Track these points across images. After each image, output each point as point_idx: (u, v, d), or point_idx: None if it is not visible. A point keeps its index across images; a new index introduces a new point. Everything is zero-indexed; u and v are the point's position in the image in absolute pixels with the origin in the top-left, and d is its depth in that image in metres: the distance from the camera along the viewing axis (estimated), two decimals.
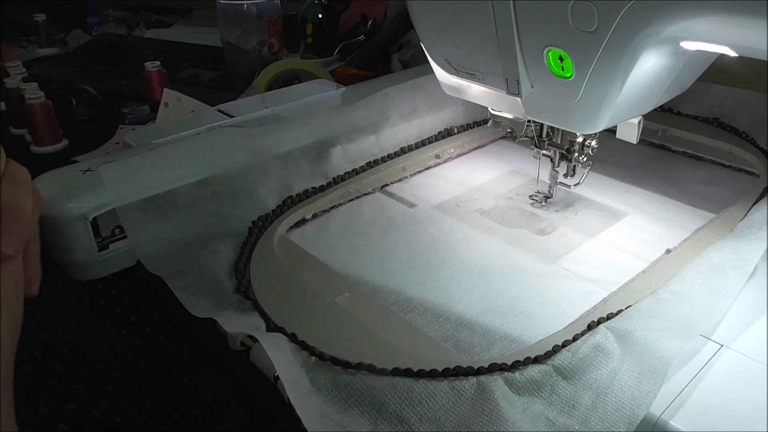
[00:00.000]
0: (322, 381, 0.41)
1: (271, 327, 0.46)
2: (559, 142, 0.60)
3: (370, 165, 0.71)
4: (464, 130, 0.80)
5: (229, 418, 0.58)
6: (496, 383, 0.40)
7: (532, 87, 0.51)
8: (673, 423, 0.38)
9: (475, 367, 0.41)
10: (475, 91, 0.57)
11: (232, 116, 0.70)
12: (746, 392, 0.40)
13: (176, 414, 0.56)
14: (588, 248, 0.58)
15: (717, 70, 0.56)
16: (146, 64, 0.89)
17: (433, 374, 0.41)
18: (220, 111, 0.73)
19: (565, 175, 0.62)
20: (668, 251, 0.56)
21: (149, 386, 0.55)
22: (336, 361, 0.42)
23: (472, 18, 0.50)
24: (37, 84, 0.79)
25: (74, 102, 0.88)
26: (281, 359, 0.41)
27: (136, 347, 0.56)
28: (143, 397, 0.54)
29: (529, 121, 0.59)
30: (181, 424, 0.56)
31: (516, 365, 0.42)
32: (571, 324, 0.47)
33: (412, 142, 0.75)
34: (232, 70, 0.99)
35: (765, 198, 0.61)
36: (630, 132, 0.56)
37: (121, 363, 0.55)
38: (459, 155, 0.77)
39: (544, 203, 0.65)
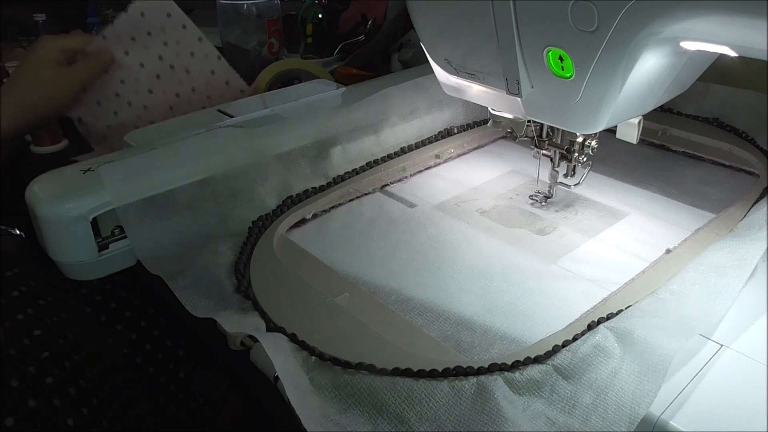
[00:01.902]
0: (322, 381, 0.41)
1: (271, 327, 0.46)
2: (559, 142, 0.60)
3: (370, 165, 0.71)
4: (464, 130, 0.80)
5: (226, 414, 0.58)
6: (496, 383, 0.40)
7: (532, 87, 0.51)
8: (673, 423, 0.38)
9: (475, 367, 0.41)
10: (475, 91, 0.57)
11: (232, 116, 0.70)
12: (746, 392, 0.40)
13: (173, 408, 0.56)
14: (588, 248, 0.58)
15: (717, 70, 0.56)
16: None
17: (433, 374, 0.41)
18: (220, 111, 0.73)
19: (565, 175, 0.62)
20: (668, 251, 0.56)
21: (147, 381, 0.56)
22: (336, 361, 0.42)
23: (472, 18, 0.50)
24: None
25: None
26: (281, 359, 0.41)
27: (132, 341, 0.56)
28: (141, 391, 0.54)
29: (529, 121, 0.59)
30: (179, 418, 0.56)
31: (516, 365, 0.42)
32: (571, 324, 0.47)
33: (412, 142, 0.75)
34: None
35: (765, 198, 0.61)
36: (630, 132, 0.56)
37: (117, 357, 0.55)
38: (459, 155, 0.77)
39: (544, 203, 0.65)
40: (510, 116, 0.59)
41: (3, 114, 0.61)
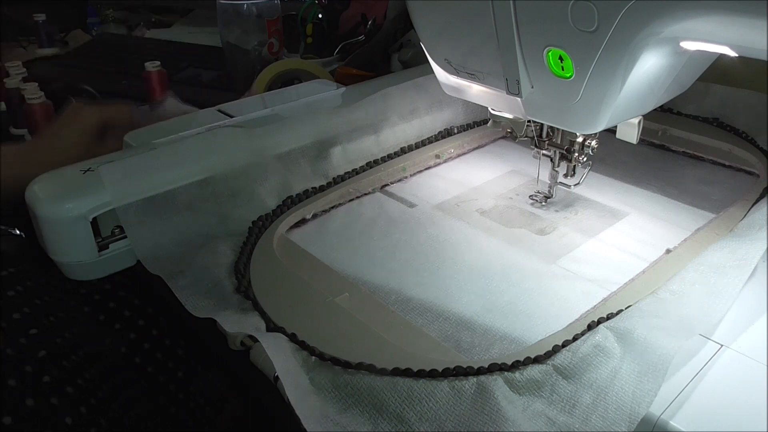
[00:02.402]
0: (322, 381, 0.41)
1: (271, 327, 0.46)
2: (559, 142, 0.60)
3: (370, 165, 0.71)
4: (464, 130, 0.80)
5: (226, 414, 0.58)
6: (496, 383, 0.40)
7: (532, 87, 0.51)
8: (673, 423, 0.38)
9: (475, 367, 0.41)
10: (475, 91, 0.57)
11: (232, 116, 0.70)
12: (746, 392, 0.40)
13: (173, 408, 0.56)
14: (588, 248, 0.58)
15: (717, 70, 0.56)
16: (146, 64, 0.89)
17: (433, 374, 0.41)
18: (220, 111, 0.73)
19: (565, 175, 0.62)
20: (668, 251, 0.56)
21: (147, 381, 0.56)
22: (336, 361, 0.42)
23: (472, 18, 0.50)
24: (37, 84, 0.79)
25: (74, 102, 0.88)
26: (281, 359, 0.41)
27: (131, 341, 0.56)
28: (141, 391, 0.54)
29: (529, 121, 0.59)
30: (178, 418, 0.56)
31: (516, 365, 0.42)
32: (571, 324, 0.47)
33: (412, 142, 0.75)
34: (232, 70, 0.99)
35: (765, 198, 0.61)
36: (630, 132, 0.56)
37: (116, 357, 0.55)
38: (459, 155, 0.77)
39: (544, 203, 0.65)
40: (510, 116, 0.59)
41: (29, 165, 0.61)
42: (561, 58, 0.46)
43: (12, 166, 0.61)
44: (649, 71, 0.46)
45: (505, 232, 0.61)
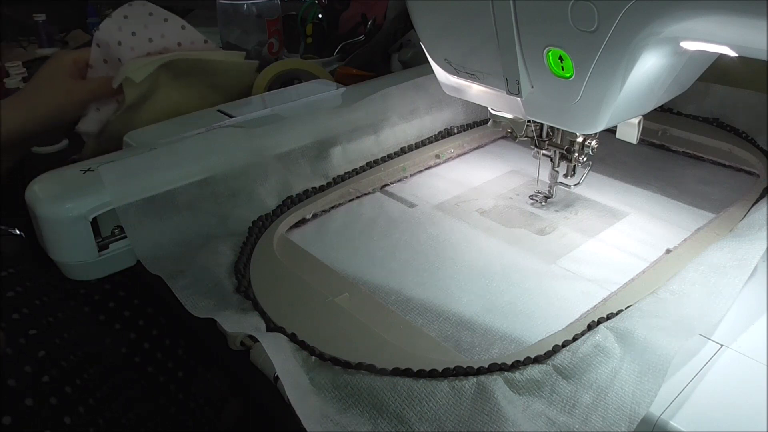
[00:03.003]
0: (322, 381, 0.41)
1: (271, 327, 0.46)
2: (559, 142, 0.60)
3: (370, 165, 0.71)
4: (464, 130, 0.80)
5: (226, 415, 0.58)
6: (496, 383, 0.40)
7: (532, 87, 0.51)
8: (673, 423, 0.38)
9: (475, 367, 0.41)
10: (475, 91, 0.57)
11: (232, 116, 0.70)
12: (746, 392, 0.40)
13: (173, 408, 0.56)
14: (588, 248, 0.58)
15: (717, 70, 0.56)
16: None
17: (433, 374, 0.41)
18: (220, 111, 0.73)
19: (565, 175, 0.62)
20: (668, 251, 0.56)
21: (147, 381, 0.56)
22: (336, 361, 0.42)
23: (472, 18, 0.50)
24: None
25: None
26: (281, 359, 0.41)
27: (131, 341, 0.56)
28: (141, 391, 0.55)
29: (529, 121, 0.59)
30: (178, 418, 0.56)
31: (516, 365, 0.42)
32: (571, 324, 0.47)
33: (412, 142, 0.75)
34: None
35: (765, 198, 0.61)
36: (630, 132, 0.56)
37: (116, 357, 0.55)
38: (459, 155, 0.77)
39: (544, 203, 0.65)
40: (510, 116, 0.59)
41: (16, 117, 0.63)
42: (561, 58, 0.46)
43: (6, 117, 0.63)
44: (649, 71, 0.46)
45: (505, 232, 0.61)
